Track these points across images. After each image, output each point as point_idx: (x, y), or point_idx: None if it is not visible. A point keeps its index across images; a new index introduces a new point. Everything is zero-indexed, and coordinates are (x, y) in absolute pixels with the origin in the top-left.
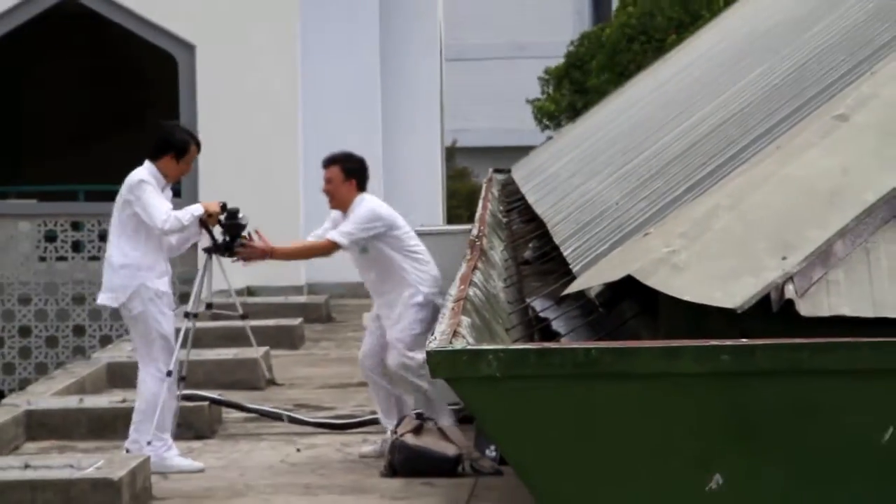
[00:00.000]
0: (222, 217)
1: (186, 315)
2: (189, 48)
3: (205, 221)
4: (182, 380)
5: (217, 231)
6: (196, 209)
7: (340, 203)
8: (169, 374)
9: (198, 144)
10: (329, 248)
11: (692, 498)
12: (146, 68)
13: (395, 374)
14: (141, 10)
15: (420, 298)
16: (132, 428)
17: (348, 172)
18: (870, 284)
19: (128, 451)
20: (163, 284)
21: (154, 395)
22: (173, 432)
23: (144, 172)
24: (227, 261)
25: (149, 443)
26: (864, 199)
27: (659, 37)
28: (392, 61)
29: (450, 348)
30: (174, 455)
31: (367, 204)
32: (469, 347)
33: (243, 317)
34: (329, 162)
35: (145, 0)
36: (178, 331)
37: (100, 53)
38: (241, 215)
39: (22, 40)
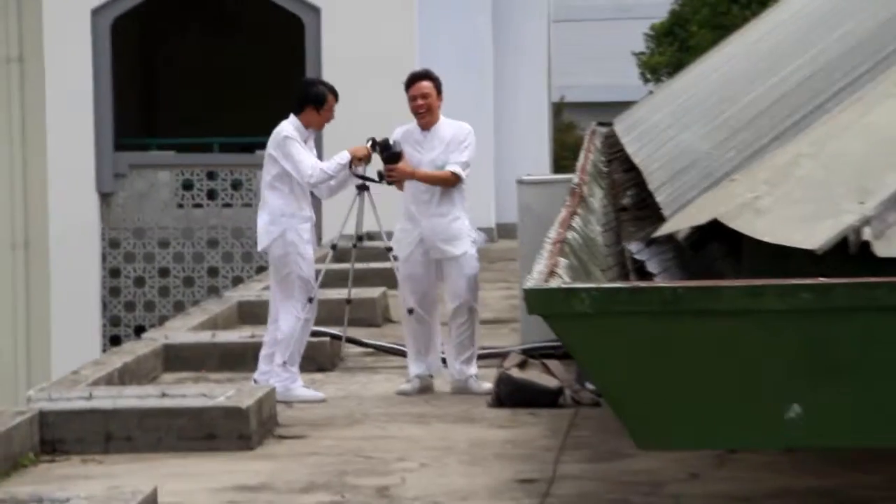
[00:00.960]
0: (375, 152)
1: (389, 253)
2: (315, 11)
3: (353, 165)
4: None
5: (370, 168)
6: (342, 157)
7: (432, 119)
8: (311, 299)
9: (335, 94)
10: (454, 180)
11: (772, 426)
12: (275, 30)
13: (469, 293)
14: None
15: (469, 225)
16: (261, 360)
17: (439, 89)
18: None
19: (256, 381)
20: (305, 231)
21: (290, 330)
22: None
23: (289, 127)
24: (376, 200)
25: (284, 363)
26: None
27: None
28: (502, 23)
29: (546, 286)
30: (299, 386)
31: (473, 135)
32: (564, 286)
33: (388, 249)
34: (423, 76)
35: None
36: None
37: (224, 17)
38: (392, 142)
39: (151, 5)
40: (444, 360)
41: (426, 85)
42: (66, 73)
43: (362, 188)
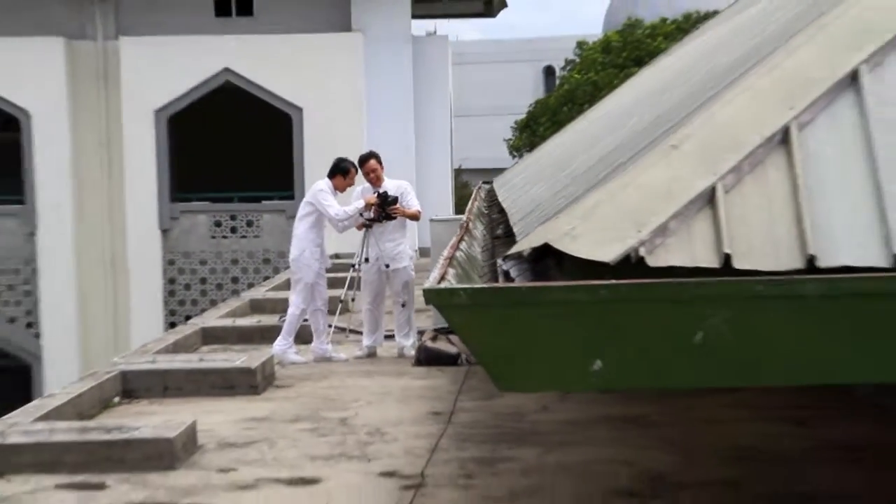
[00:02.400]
0: (379, 201)
1: (352, 267)
2: (299, 109)
3: (364, 212)
4: (346, 311)
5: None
6: (359, 204)
7: (379, 181)
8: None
9: (356, 168)
10: (419, 216)
11: (585, 376)
12: (273, 119)
13: (406, 293)
14: (267, 85)
15: (409, 249)
16: (280, 336)
17: (381, 163)
18: (690, 246)
19: (274, 349)
20: (316, 253)
21: (293, 316)
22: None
23: (323, 185)
24: (375, 233)
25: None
26: (688, 196)
27: (580, 103)
28: (421, 118)
29: (437, 287)
30: (293, 353)
31: (411, 187)
32: (447, 287)
33: (387, 266)
34: (371, 157)
35: (270, 79)
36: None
37: (240, 111)
38: (388, 194)
39: (194, 105)
40: (388, 337)
41: (373, 163)
42: (137, 151)
43: (368, 227)
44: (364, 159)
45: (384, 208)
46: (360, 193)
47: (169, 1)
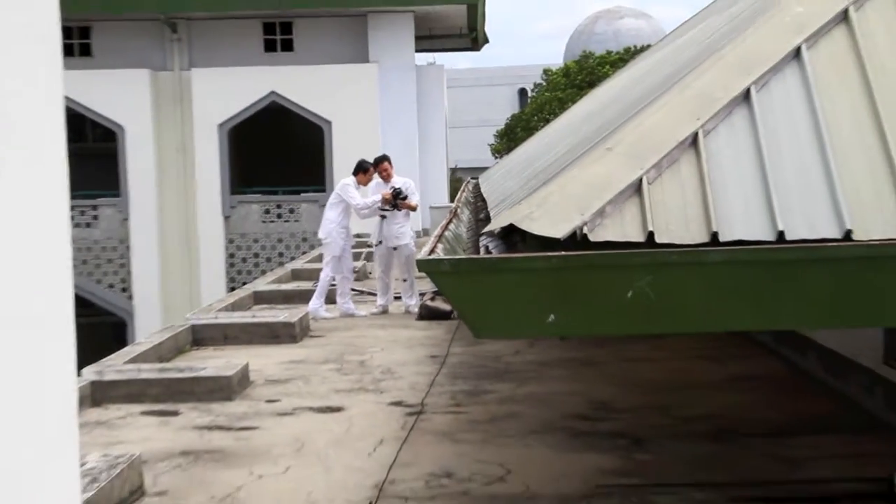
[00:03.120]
0: (393, 194)
1: (369, 245)
2: (329, 122)
3: (382, 204)
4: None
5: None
6: (377, 198)
7: (389, 178)
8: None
9: (374, 168)
10: (416, 208)
11: (545, 325)
12: (309, 130)
13: (409, 264)
14: (303, 104)
15: (409, 230)
16: (313, 297)
17: (391, 163)
18: (622, 225)
19: (309, 308)
20: (341, 233)
21: (323, 282)
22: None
23: (349, 180)
24: (387, 218)
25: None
26: (619, 187)
27: (546, 116)
28: (422, 129)
29: (427, 258)
30: (323, 311)
31: (413, 184)
32: (435, 258)
33: (394, 248)
34: (383, 160)
35: (306, 99)
36: (358, 255)
37: (283, 124)
38: (402, 191)
39: (247, 120)
40: (396, 298)
41: (386, 164)
42: (205, 156)
43: (383, 216)
44: (379, 161)
45: (396, 201)
46: (374, 188)
47: (228, 41)
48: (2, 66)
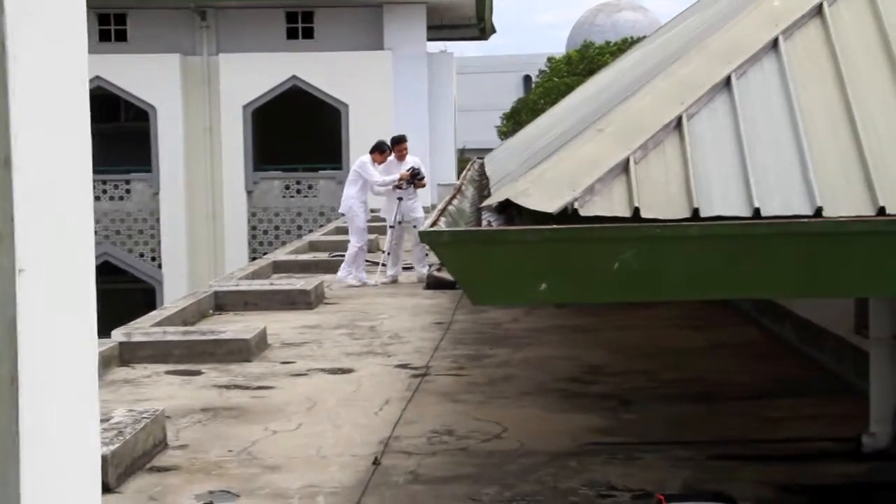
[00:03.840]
0: (410, 174)
1: (391, 226)
2: (346, 105)
3: (398, 182)
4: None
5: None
6: (395, 176)
7: (404, 157)
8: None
9: (390, 150)
10: (425, 185)
11: (538, 293)
12: (326, 112)
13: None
14: (322, 88)
15: (420, 206)
16: (342, 267)
17: (407, 144)
18: (610, 202)
19: (339, 276)
20: (360, 207)
21: (351, 254)
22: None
23: (366, 158)
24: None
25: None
26: (608, 166)
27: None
28: (433, 112)
29: (428, 230)
30: (351, 279)
31: (421, 163)
32: (435, 230)
33: (414, 226)
34: (403, 140)
35: (324, 83)
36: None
37: (303, 106)
38: (419, 171)
39: (270, 102)
40: (405, 269)
41: (405, 144)
42: (230, 135)
43: (400, 198)
44: (399, 140)
45: (414, 180)
46: (386, 167)
47: (253, 28)
48: (30, 45)
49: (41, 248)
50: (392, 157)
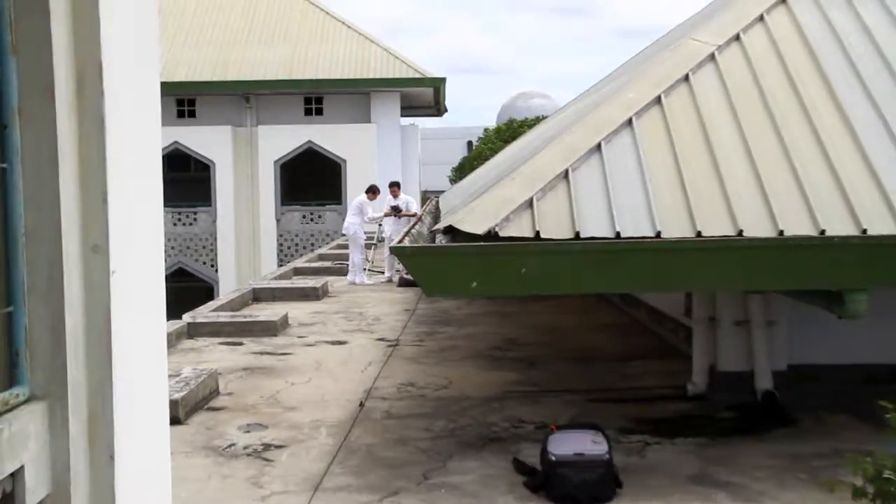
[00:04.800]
0: (393, 210)
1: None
2: (344, 161)
3: (385, 215)
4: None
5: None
6: (380, 214)
7: (396, 197)
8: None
9: (378, 190)
10: (417, 215)
11: (471, 288)
12: (331, 166)
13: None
14: (329, 149)
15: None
16: (350, 272)
17: (399, 187)
18: (520, 227)
19: (348, 278)
20: (361, 231)
21: (355, 264)
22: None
23: (363, 197)
24: (387, 222)
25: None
26: (519, 202)
27: (486, 158)
28: (405, 167)
29: (396, 245)
30: (359, 279)
31: (413, 201)
32: (400, 245)
33: (381, 240)
34: (396, 184)
35: (330, 145)
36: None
37: (315, 161)
38: (398, 207)
39: (293, 158)
40: (379, 273)
41: (397, 187)
42: (265, 180)
43: (382, 221)
44: (393, 184)
45: (397, 212)
46: (387, 203)
47: (281, 108)
48: (120, 120)
49: (127, 256)
50: (388, 197)
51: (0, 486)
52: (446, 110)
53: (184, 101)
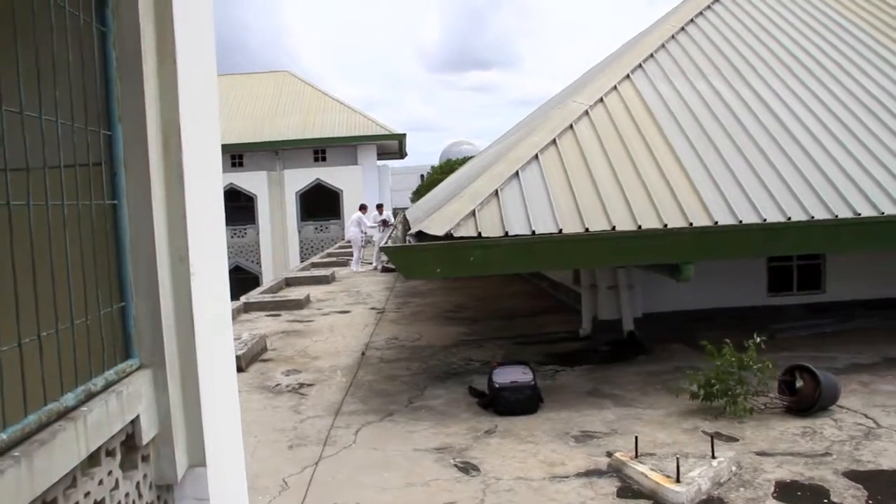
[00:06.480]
0: (383, 222)
1: (363, 245)
2: (341, 191)
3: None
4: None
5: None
6: (375, 225)
7: (382, 212)
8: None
9: (367, 208)
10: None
11: (433, 272)
12: (332, 194)
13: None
14: (331, 183)
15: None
16: (351, 263)
17: (383, 208)
18: (468, 229)
19: (351, 268)
20: (358, 236)
21: (355, 258)
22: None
23: (358, 213)
24: (376, 231)
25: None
26: (465, 213)
27: (433, 186)
28: (382, 193)
29: (383, 245)
30: (356, 269)
31: (393, 217)
32: (386, 245)
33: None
34: (381, 205)
35: (332, 181)
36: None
37: (322, 192)
38: (388, 220)
39: (307, 190)
40: (369, 264)
41: (383, 207)
42: (289, 207)
43: (374, 229)
44: (379, 205)
45: (383, 226)
46: (375, 217)
47: (299, 158)
48: (199, 172)
49: (202, 262)
50: (375, 212)
51: (124, 429)
52: (406, 154)
53: (235, 155)
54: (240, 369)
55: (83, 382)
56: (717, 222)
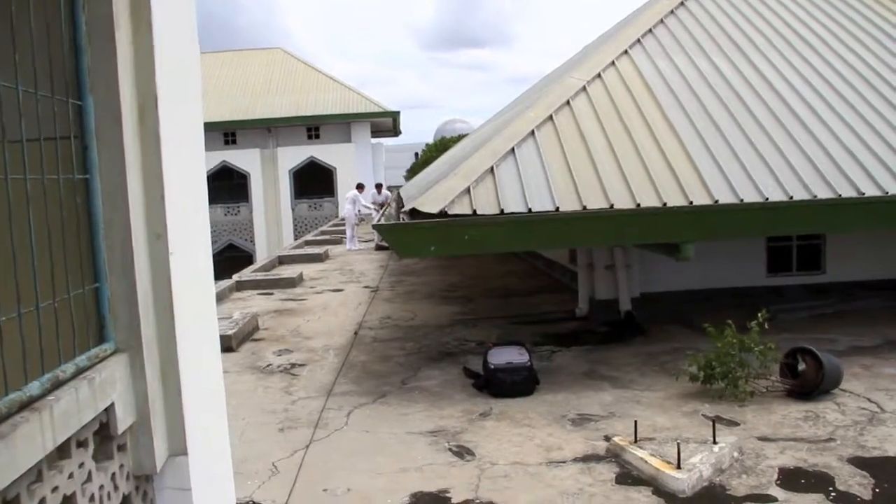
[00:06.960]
0: (379, 203)
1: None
2: (334, 168)
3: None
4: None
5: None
6: (371, 203)
7: (380, 191)
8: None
9: (364, 186)
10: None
11: (427, 251)
12: (326, 172)
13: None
14: (325, 161)
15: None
16: (346, 241)
17: (381, 187)
18: (463, 207)
19: (347, 246)
20: (353, 214)
21: (349, 236)
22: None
23: (355, 191)
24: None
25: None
26: (460, 190)
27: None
28: (375, 171)
29: (377, 223)
30: (350, 246)
31: (391, 195)
32: (380, 223)
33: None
34: (380, 184)
35: (326, 159)
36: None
37: (315, 169)
38: (382, 202)
39: (301, 168)
40: (365, 242)
41: (382, 187)
42: (283, 184)
43: (375, 211)
44: (378, 185)
45: (381, 206)
46: (374, 196)
47: (292, 135)
48: (179, 145)
49: (182, 241)
50: (374, 191)
51: (98, 418)
52: (401, 132)
53: (228, 132)
54: (230, 349)
55: (51, 370)
56: (717, 201)
